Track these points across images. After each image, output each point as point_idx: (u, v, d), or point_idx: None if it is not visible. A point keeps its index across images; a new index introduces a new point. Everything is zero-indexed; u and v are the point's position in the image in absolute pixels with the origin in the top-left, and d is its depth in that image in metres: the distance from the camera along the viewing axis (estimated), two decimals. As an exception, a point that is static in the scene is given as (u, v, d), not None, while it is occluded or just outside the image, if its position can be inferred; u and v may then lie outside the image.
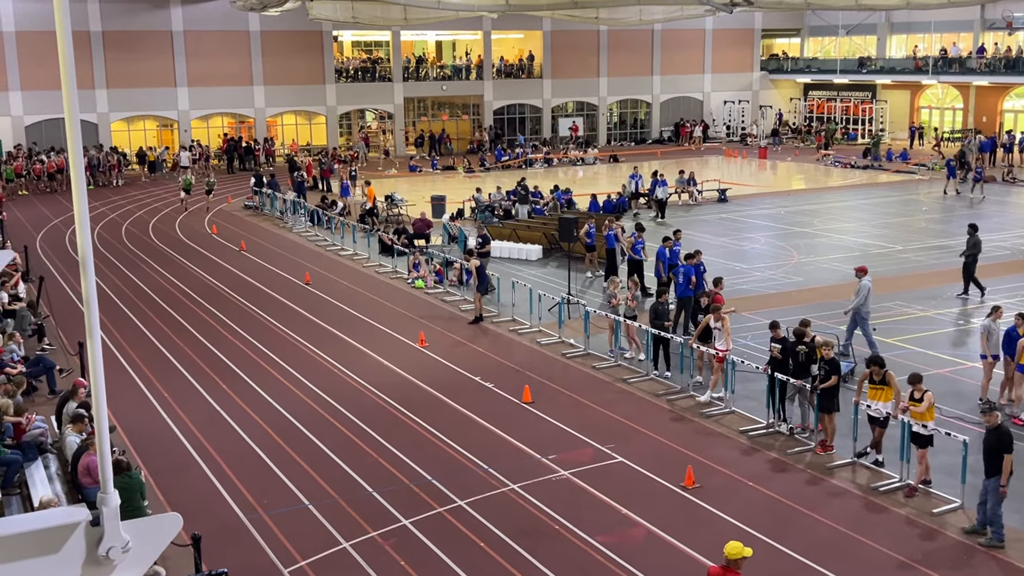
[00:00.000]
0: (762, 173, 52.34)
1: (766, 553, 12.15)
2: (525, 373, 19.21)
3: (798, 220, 36.49)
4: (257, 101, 56.94)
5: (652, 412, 17.21)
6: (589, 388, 18.39)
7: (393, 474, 14.85)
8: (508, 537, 12.79)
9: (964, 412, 16.46)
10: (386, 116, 61.87)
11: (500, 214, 36.51)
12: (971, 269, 24.08)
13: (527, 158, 55.21)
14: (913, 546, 12.43)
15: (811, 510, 13.49)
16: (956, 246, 30.63)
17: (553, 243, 30.29)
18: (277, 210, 39.58)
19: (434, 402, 17.96)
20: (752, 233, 33.96)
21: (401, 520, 13.33)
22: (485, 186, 40.27)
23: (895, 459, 14.28)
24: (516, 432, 16.35)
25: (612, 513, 13.47)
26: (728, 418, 16.82)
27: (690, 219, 36.64)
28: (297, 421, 17.07)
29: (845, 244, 31.44)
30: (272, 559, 12.41)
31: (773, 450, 15.47)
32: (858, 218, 36.88)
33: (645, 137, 67.09)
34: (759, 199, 41.69)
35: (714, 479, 14.42)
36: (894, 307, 23.64)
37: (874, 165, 51.68)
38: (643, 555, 12.30)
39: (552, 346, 21.11)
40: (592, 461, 15.16)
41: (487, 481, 14.51)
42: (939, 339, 20.98)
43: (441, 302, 25.21)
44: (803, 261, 28.44)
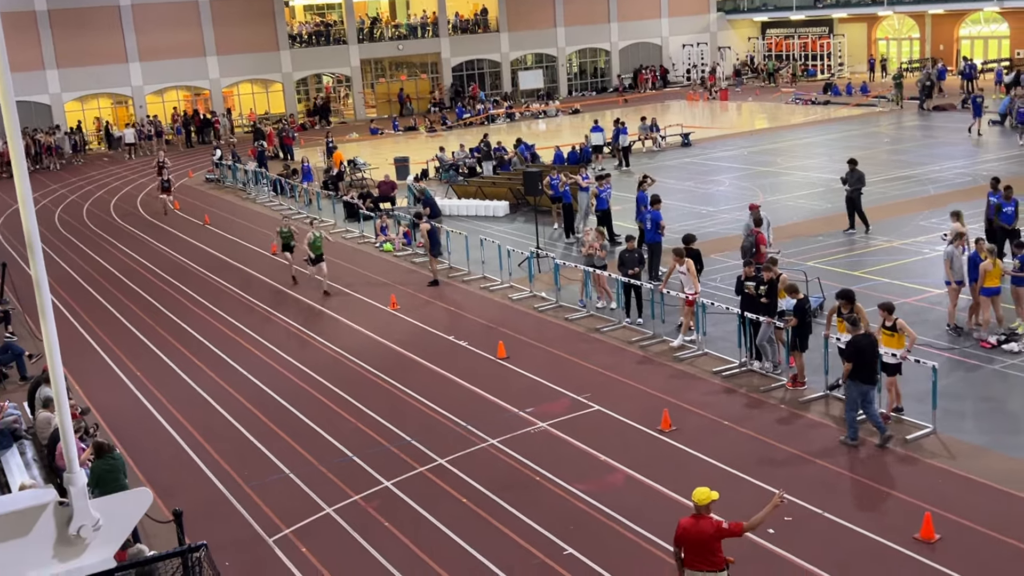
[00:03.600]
0: (724, 115, 52.34)
1: (746, 490, 12.31)
2: (498, 329, 19.24)
3: (762, 160, 36.58)
4: (211, 72, 56.11)
5: (626, 359, 17.31)
6: (563, 340, 18.46)
7: (372, 438, 14.88)
8: (490, 491, 12.88)
9: (932, 339, 16.68)
10: (343, 79, 61.20)
11: (465, 172, 36.34)
12: (857, 203, 24.20)
13: (489, 114, 54.88)
14: (890, 473, 12.63)
15: (787, 445, 13.66)
16: (919, 175, 30.92)
17: (519, 198, 30.22)
18: (239, 182, 39.20)
19: (409, 364, 17.97)
20: (717, 176, 34.03)
21: (383, 482, 13.39)
22: (448, 145, 40.02)
23: (867, 389, 14.45)
24: (493, 388, 16.42)
25: (591, 461, 13.59)
26: (701, 360, 16.96)
27: (655, 165, 36.63)
28: (273, 392, 17.03)
29: (809, 181, 31.58)
30: (256, 529, 12.45)
31: (747, 389, 15.63)
32: (821, 154, 37.01)
33: (606, 86, 66.81)
34: (722, 141, 41.72)
35: (690, 421, 14.57)
36: (859, 239, 23.84)
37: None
38: (624, 500, 12.43)
39: (524, 301, 21.14)
40: (569, 411, 15.26)
41: (466, 438, 14.58)
42: (905, 269, 21.19)
43: (410, 264, 25.14)
44: (769, 200, 28.55)
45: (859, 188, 24.37)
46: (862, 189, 24.48)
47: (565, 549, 11.37)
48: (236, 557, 11.70)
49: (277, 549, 11.96)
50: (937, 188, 28.92)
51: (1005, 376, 15.32)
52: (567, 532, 11.72)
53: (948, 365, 15.58)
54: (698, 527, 8.96)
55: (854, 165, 24.46)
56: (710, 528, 8.94)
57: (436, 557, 11.43)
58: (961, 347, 16.53)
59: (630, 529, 11.71)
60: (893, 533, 11.13)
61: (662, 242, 21.29)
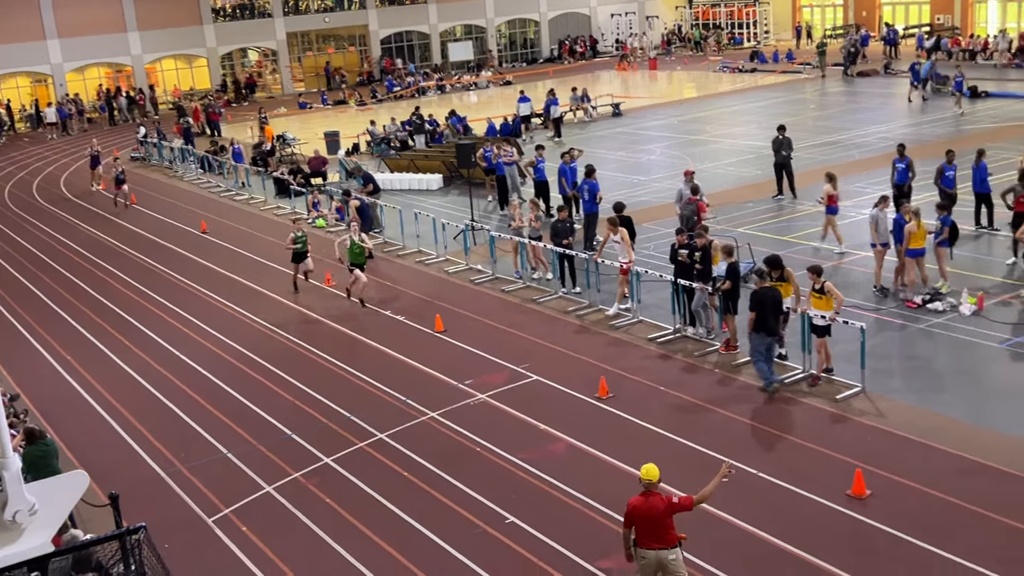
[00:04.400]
0: (654, 84, 52.65)
1: (683, 453, 12.52)
2: (435, 303, 19.22)
3: (692, 128, 36.92)
4: (133, 48, 54.73)
5: (563, 329, 17.43)
6: (500, 311, 18.51)
7: (311, 414, 14.80)
8: (431, 464, 12.91)
9: (860, 300, 17.07)
10: (269, 53, 60.17)
11: (396, 145, 36.07)
12: (789, 169, 24.64)
13: (419, 86, 54.45)
14: (822, 433, 12.94)
15: (722, 408, 13.91)
16: (844, 140, 31.50)
17: (453, 171, 30.11)
18: (165, 159, 38.41)
19: (346, 339, 17.87)
20: (648, 145, 34.26)
21: (323, 458, 13.34)
22: (379, 118, 39.67)
23: (797, 351, 14.78)
24: (431, 361, 16.41)
25: (531, 430, 13.70)
26: (637, 328, 17.14)
27: (587, 135, 36.75)
28: (208, 372, 16.82)
29: (738, 148, 31.96)
30: (195, 510, 12.33)
31: (682, 354, 15.85)
32: (749, 121, 37.46)
33: (536, 57, 66.68)
34: (652, 111, 41.99)
35: (627, 388, 14.74)
36: (787, 205, 24.24)
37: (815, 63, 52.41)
38: (564, 467, 12.55)
39: (460, 273, 21.13)
40: (508, 382, 15.33)
41: (406, 412, 14.58)
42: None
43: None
44: (699, 168, 28.83)
45: (790, 153, 24.77)
46: (791, 155, 24.90)
47: (507, 518, 11.46)
48: (176, 539, 11.57)
49: (217, 529, 11.87)
50: (862, 153, 29.49)
51: (930, 335, 15.76)
52: (509, 501, 11.81)
53: (875, 325, 15.97)
54: (649, 504, 8.81)
55: (783, 131, 24.82)
56: (661, 504, 8.80)
57: (378, 531, 11.44)
58: (888, 308, 16.95)
59: (571, 496, 11.84)
60: (826, 490, 11.41)
61: (598, 212, 21.42)
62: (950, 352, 15.04)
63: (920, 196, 21.43)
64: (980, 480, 11.37)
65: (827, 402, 13.71)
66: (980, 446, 12.05)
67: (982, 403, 13.29)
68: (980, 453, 11.89)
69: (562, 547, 10.76)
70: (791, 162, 24.77)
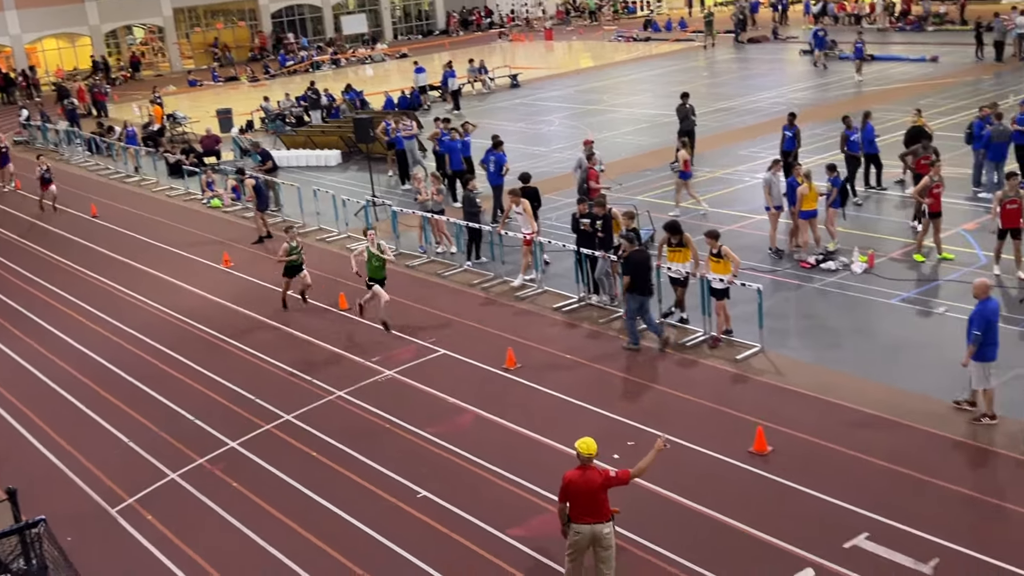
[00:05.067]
0: (550, 55, 52.77)
1: (592, 420, 12.68)
2: (338, 280, 19.00)
3: (589, 98, 37.15)
4: (11, 27, 52.42)
5: (469, 302, 17.44)
6: (405, 287, 18.40)
7: (214, 399, 14.53)
8: (340, 443, 12.82)
9: (756, 263, 17.48)
10: (156, 30, 58.32)
11: (292, 122, 35.43)
12: (692, 136, 25.10)
13: (313, 61, 53.52)
14: (723, 393, 13.26)
15: (627, 373, 14.13)
16: (737, 107, 32.11)
17: (351, 146, 29.74)
18: (51, 142, 37.00)
19: (248, 321, 17.56)
20: (547, 116, 34.38)
21: (228, 443, 13.12)
22: (273, 94, 38.88)
23: (698, 314, 15.09)
24: (336, 340, 16.25)
25: (440, 404, 13.70)
26: (542, 298, 17.25)
27: (485, 107, 36.69)
28: (105, 360, 16.35)
29: (635, 117, 32.32)
30: (97, 501, 12.00)
31: (587, 322, 16.02)
32: (645, 90, 37.88)
33: (431, 29, 66.13)
34: (550, 81, 42.11)
35: (534, 358, 14.84)
36: (686, 172, 24.61)
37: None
38: (474, 438, 12.60)
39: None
40: (415, 357, 15.29)
41: (312, 392, 14.42)
42: (728, 197, 22.07)
43: (241, 219, 24.43)
44: (598, 137, 29.07)
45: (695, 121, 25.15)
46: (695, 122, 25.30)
47: (419, 492, 11.46)
48: (78, 531, 11.26)
49: (121, 519, 11.59)
50: (755, 118, 30.13)
51: (824, 294, 16.25)
52: (420, 476, 11.80)
53: (772, 286, 16.39)
54: (585, 478, 8.78)
55: (687, 99, 25.13)
56: (598, 479, 8.79)
57: (289, 513, 11.32)
58: (783, 269, 17.41)
59: (482, 467, 11.90)
60: (729, 449, 11.71)
61: (504, 184, 21.45)
62: (843, 310, 15.54)
63: (809, 159, 22.00)
64: (874, 432, 11.80)
65: (728, 363, 14.05)
66: (873, 399, 12.50)
67: (874, 358, 13.78)
68: (873, 406, 12.34)
69: (474, 518, 10.82)
70: (694, 129, 25.14)
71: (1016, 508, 10.11)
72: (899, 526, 9.93)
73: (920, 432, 11.70)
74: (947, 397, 12.15)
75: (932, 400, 12.26)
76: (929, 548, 9.56)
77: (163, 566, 10.61)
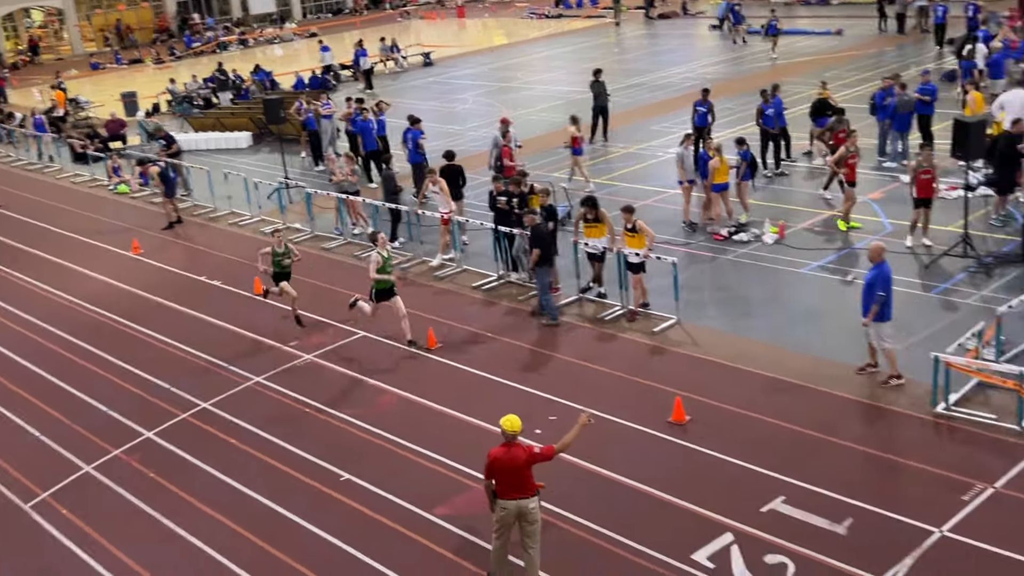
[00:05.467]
0: (463, 33, 52.50)
1: (514, 397, 12.73)
2: (252, 265, 18.66)
3: (503, 76, 37.10)
4: None
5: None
6: (322, 269, 18.20)
7: (128, 389, 14.20)
8: (260, 429, 12.65)
9: (671, 236, 17.71)
10: (55, 12, 56.35)
11: (200, 104, 34.65)
12: (606, 112, 25.31)
13: (220, 41, 52.36)
14: (642, 365, 13.43)
15: (546, 349, 14.22)
16: (648, 82, 32.41)
17: (262, 127, 29.21)
18: (-55, 130, 35.55)
19: (160, 309, 17.19)
20: (461, 94, 34.23)
21: (144, 433, 12.85)
22: (179, 76, 37.95)
23: (615, 289, 15.25)
24: (252, 325, 16.02)
25: (361, 386, 13.61)
26: (461, 277, 17.23)
27: (399, 86, 36.38)
28: (12, 353, 15.85)
29: (550, 94, 32.36)
30: (10, 497, 11.67)
31: (507, 300, 16.06)
32: (558, 67, 37.96)
33: (341, 7, 65.20)
34: (463, 59, 41.92)
35: (455, 336, 14.83)
36: (599, 148, 24.81)
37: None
38: (396, 420, 12.56)
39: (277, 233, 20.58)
40: (334, 340, 15.15)
41: (229, 379, 14.20)
42: (642, 172, 22.30)
43: (150, 205, 23.85)
44: (514, 115, 29.07)
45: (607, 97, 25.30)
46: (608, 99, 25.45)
47: (342, 475, 11.39)
48: (-11, 531, 10.94)
49: (36, 515, 11.28)
50: (666, 93, 30.43)
51: (737, 265, 16.55)
52: (342, 458, 11.73)
53: (686, 259, 16.63)
54: (510, 455, 8.83)
55: (599, 75, 25.25)
56: (523, 455, 8.85)
57: (210, 502, 11.16)
58: (697, 241, 17.68)
59: (404, 447, 11.87)
60: (649, 420, 11.89)
61: (423, 161, 21.33)
62: (756, 280, 15.86)
63: (721, 133, 22.31)
64: (788, 398, 12.10)
65: (645, 335, 14.23)
66: (786, 366, 12.80)
67: (787, 326, 14.10)
68: (786, 373, 12.63)
69: (399, 499, 10.79)
70: (608, 105, 25.29)
71: (923, 466, 10.48)
72: (814, 488, 10.21)
73: (832, 396, 12.03)
74: (857, 361, 12.50)
75: (842, 365, 12.61)
76: (843, 509, 9.86)
77: (82, 562, 10.37)
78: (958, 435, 11.00)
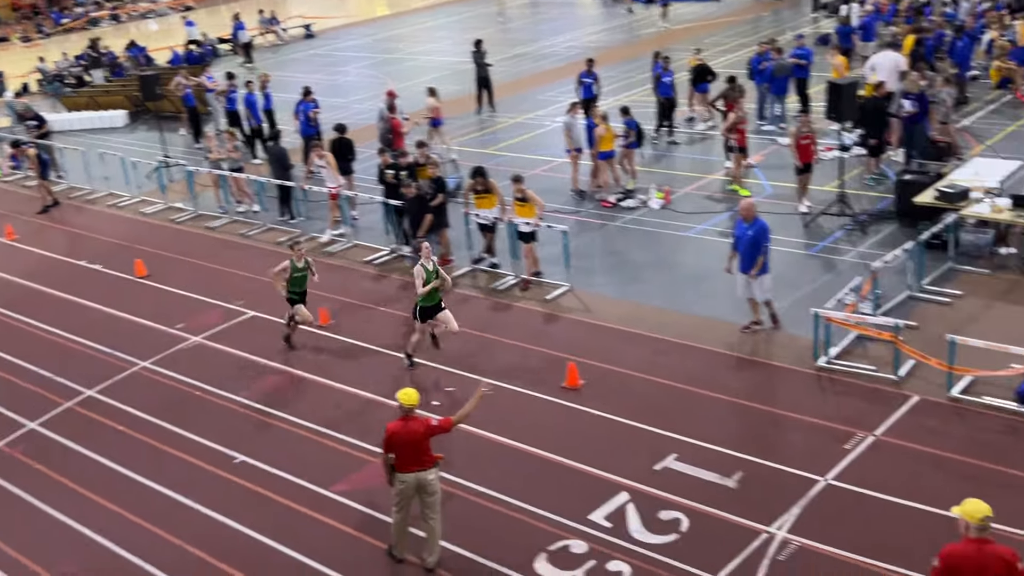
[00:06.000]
0: (345, 3, 51.65)
1: (410, 370, 12.71)
2: (134, 247, 18.16)
3: (387, 47, 36.71)
4: None
5: (276, 261, 16.94)
6: (206, 249, 17.81)
7: (6, 379, 13.67)
8: (150, 415, 12.35)
9: (560, 204, 17.87)
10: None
11: (72, 82, 33.31)
12: (488, 82, 25.37)
13: (91, 17, 50.36)
14: (536, 332, 13.56)
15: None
16: (533, 52, 32.50)
17: (138, 105, 28.28)
18: None
19: (38, 296, 16.56)
20: (344, 66, 33.75)
21: (27, 424, 12.41)
22: (48, 54, 36.39)
23: (507, 259, 15.32)
24: (137, 309, 15.57)
25: (253, 367, 13.40)
26: (352, 252, 17.07)
27: (280, 59, 35.64)
28: None
29: (435, 65, 32.16)
30: None
31: (399, 273, 15.98)
32: (443, 37, 37.73)
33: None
34: (346, 31, 41.30)
35: (348, 313, 14.71)
36: (487, 118, 24.81)
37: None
38: (290, 399, 12.42)
39: (159, 214, 20.07)
40: (223, 321, 14.86)
41: (115, 365, 13.80)
42: (530, 142, 22.40)
43: (23, 189, 22.90)
44: (399, 87, 28.79)
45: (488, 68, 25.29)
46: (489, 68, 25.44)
47: (236, 458, 11.22)
48: None
49: (-88, 517, 10.80)
50: (552, 62, 30.58)
51: (625, 231, 16.82)
52: (236, 441, 11.55)
53: (577, 227, 16.80)
54: (408, 429, 8.82)
55: (480, 46, 25.20)
56: (421, 428, 8.85)
57: (100, 491, 10.85)
58: (586, 209, 17.89)
59: (299, 426, 11.75)
60: (544, 386, 12.03)
61: (315, 135, 20.99)
62: (644, 245, 16.14)
63: (606, 101, 22.56)
64: (677, 358, 12.39)
65: (539, 303, 14.37)
66: (675, 328, 13.10)
67: (674, 289, 14.40)
68: (675, 334, 12.93)
69: (296, 478, 10.70)
70: (490, 75, 25.29)
71: (807, 418, 10.88)
72: (704, 445, 10.51)
73: (719, 355, 12.37)
74: (741, 320, 12.88)
75: (728, 324, 12.97)
76: (733, 463, 10.18)
77: (-36, 561, 9.99)
78: (839, 387, 11.46)
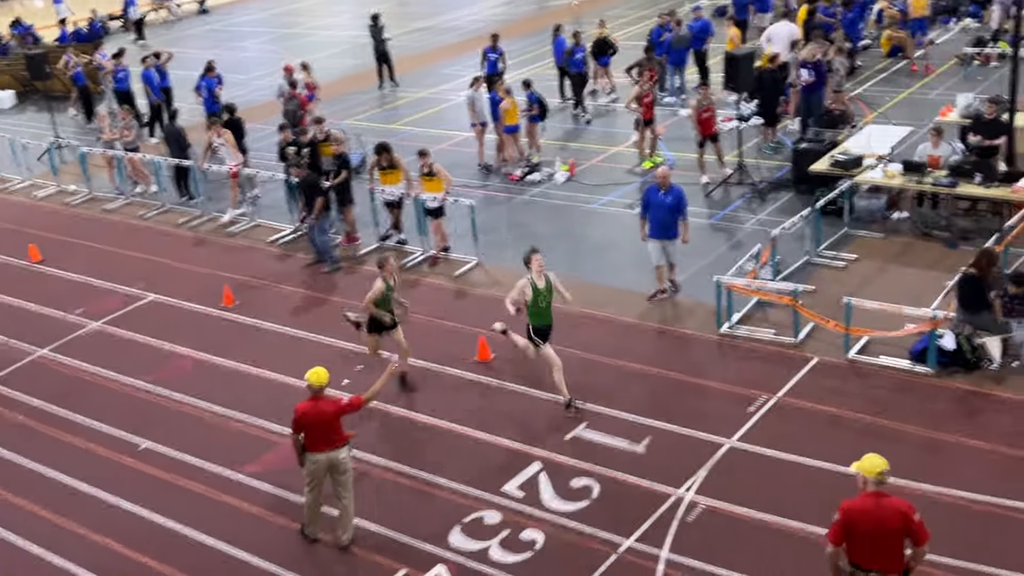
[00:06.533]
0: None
1: (318, 350, 12.59)
2: (26, 231, 17.56)
3: (285, 21, 36.05)
4: None
5: (176, 242, 16.67)
6: (103, 232, 17.31)
7: None
8: (49, 404, 12.00)
9: (467, 179, 17.85)
10: None
11: (-48, 62, 31.82)
12: (387, 57, 25.13)
13: (-30, -7, 48.13)
14: (445, 308, 13.55)
15: (350, 298, 14.05)
16: (436, 25, 32.28)
17: (26, 84, 27.21)
18: None
19: (-76, 285, 15.91)
20: (241, 42, 33.03)
21: (-83, 420, 11.95)
22: (-75, 32, 34.68)
23: (415, 235, 15.25)
24: (31, 295, 15.08)
25: (155, 351, 13.10)
26: (255, 231, 16.79)
27: (174, 36, 34.68)
28: None
29: (335, 39, 31.71)
30: None
31: (303, 252, 15.77)
32: (342, 12, 37.16)
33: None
34: (242, 5, 40.35)
35: (252, 293, 14.48)
36: (389, 93, 24.58)
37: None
38: (195, 382, 12.19)
39: (51, 197, 19.44)
40: (123, 305, 14.49)
41: (9, 354, 13.36)
42: (435, 116, 22.28)
43: (-96, 173, 21.88)
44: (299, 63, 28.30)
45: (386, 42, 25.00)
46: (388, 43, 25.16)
47: (141, 445, 10.98)
48: None
49: None
50: (454, 36, 30.41)
51: (532, 203, 16.89)
52: (140, 427, 11.30)
53: (484, 201, 16.80)
54: (318, 409, 8.75)
55: (377, 20, 24.90)
56: (331, 408, 8.80)
57: (3, 485, 10.51)
58: (493, 183, 17.90)
59: (209, 411, 11.56)
60: (455, 361, 12.06)
61: (219, 112, 20.49)
62: (551, 218, 16.23)
63: (511, 75, 22.53)
64: (586, 329, 12.54)
65: (448, 279, 14.36)
66: (583, 299, 13.12)
67: (581, 260, 14.53)
68: (583, 305, 12.99)
69: (205, 462, 10.53)
70: (389, 50, 25.03)
71: (712, 384, 11.15)
72: (613, 413, 10.68)
73: (626, 324, 12.57)
74: (647, 289, 13.07)
75: (634, 294, 13.16)
76: (641, 430, 10.37)
77: None
78: (742, 352, 11.75)
